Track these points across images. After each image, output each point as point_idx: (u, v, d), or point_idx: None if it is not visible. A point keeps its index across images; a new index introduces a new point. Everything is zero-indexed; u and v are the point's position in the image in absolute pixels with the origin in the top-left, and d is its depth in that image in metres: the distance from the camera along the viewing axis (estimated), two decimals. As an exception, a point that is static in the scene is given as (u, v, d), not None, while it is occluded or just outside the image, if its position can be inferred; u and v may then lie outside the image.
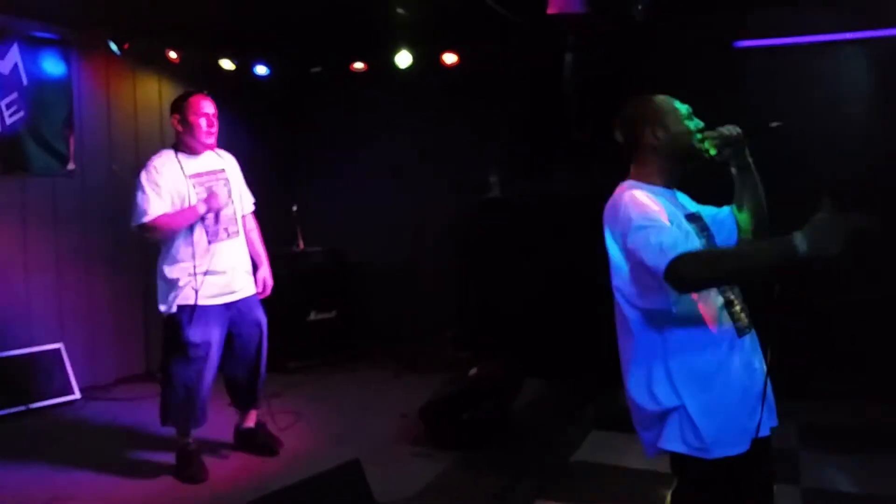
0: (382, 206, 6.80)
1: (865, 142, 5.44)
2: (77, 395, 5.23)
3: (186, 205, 3.86)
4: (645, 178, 2.33)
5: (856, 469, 4.24)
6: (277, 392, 5.47)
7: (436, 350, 6.20)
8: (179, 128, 3.94)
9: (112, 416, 4.94)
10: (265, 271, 4.31)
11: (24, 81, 5.23)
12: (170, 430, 4.10)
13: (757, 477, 2.28)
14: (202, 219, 3.87)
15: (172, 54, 6.13)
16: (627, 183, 2.34)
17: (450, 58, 6.41)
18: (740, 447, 2.15)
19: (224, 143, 6.92)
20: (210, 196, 3.89)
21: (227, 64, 6.50)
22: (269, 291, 4.33)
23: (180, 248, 3.87)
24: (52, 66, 5.41)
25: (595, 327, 6.00)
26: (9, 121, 5.14)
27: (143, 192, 3.80)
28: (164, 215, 3.79)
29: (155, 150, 5.86)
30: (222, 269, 3.95)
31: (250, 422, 4.30)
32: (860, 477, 4.12)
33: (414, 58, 6.39)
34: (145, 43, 5.87)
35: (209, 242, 3.91)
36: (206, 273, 3.87)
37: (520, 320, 5.92)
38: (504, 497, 3.69)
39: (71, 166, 5.51)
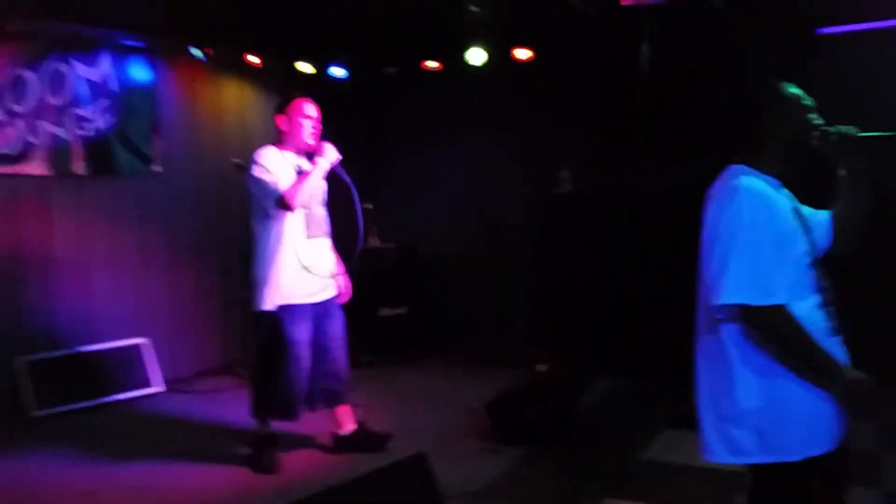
0: (456, 201, 6.84)
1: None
2: (161, 387, 5.46)
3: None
4: (760, 167, 2.25)
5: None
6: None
7: (507, 346, 6.21)
8: (284, 128, 4.06)
9: (192, 408, 5.14)
10: (343, 277, 4.38)
11: (114, 88, 5.50)
12: (247, 422, 4.23)
13: (836, 478, 2.23)
14: (306, 214, 3.99)
15: (254, 59, 6.32)
16: (740, 168, 2.26)
17: (523, 53, 6.38)
18: (825, 447, 2.11)
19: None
20: (327, 150, 4.01)
21: (305, 67, 6.65)
22: (349, 296, 4.39)
23: (280, 243, 3.95)
24: (140, 73, 5.68)
25: (668, 324, 5.93)
26: (100, 126, 5.41)
27: (265, 175, 3.89)
28: (293, 186, 3.87)
29: (237, 152, 6.15)
30: (317, 266, 4.06)
31: (350, 424, 4.30)
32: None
33: (487, 55, 6.39)
34: (227, 49, 6.08)
35: (307, 237, 4.01)
36: (304, 269, 3.97)
37: (592, 317, 5.86)
38: (572, 495, 3.67)
39: (157, 168, 5.76)
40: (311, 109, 4.11)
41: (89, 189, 5.42)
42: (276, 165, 3.93)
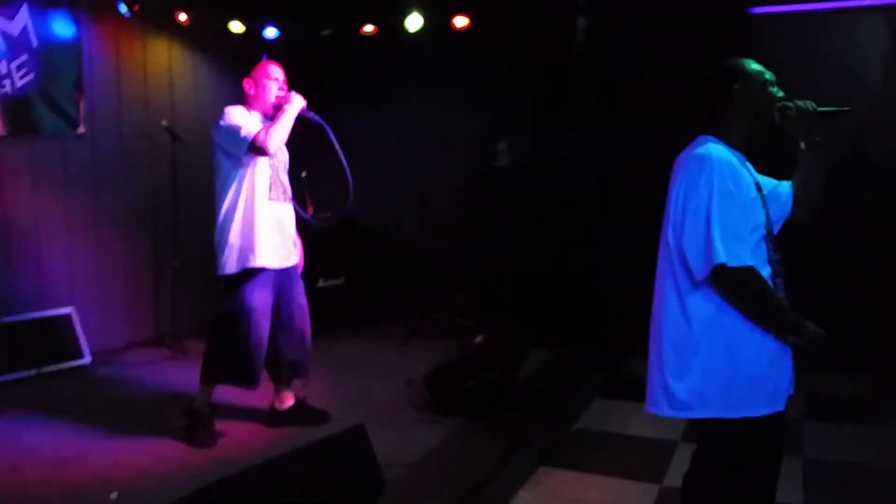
0: (391, 171, 6.78)
1: (883, 110, 5.37)
2: (88, 359, 5.28)
3: (265, 161, 3.98)
4: (725, 138, 2.38)
5: (859, 440, 4.27)
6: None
7: (443, 317, 6.24)
8: (250, 91, 4.10)
9: (121, 380, 5.01)
10: (300, 252, 4.32)
11: (34, 43, 5.22)
12: (178, 394, 4.20)
13: (775, 441, 2.37)
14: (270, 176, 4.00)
15: (182, 16, 6.10)
16: (707, 138, 2.40)
17: (461, 21, 6.34)
18: (767, 409, 2.28)
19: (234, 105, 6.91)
20: (293, 97, 4.06)
21: (236, 26, 6.46)
22: (303, 264, 4.34)
23: (244, 204, 3.93)
24: (62, 28, 5.39)
25: (601, 296, 6.06)
26: (19, 83, 5.14)
27: (235, 121, 3.89)
28: (265, 128, 3.88)
29: (165, 113, 5.96)
30: (280, 231, 4.03)
31: (290, 400, 4.22)
32: (863, 448, 4.15)
33: (424, 21, 6.32)
34: (155, 5, 5.84)
35: (269, 199, 3.99)
36: (266, 233, 3.93)
37: (527, 288, 5.93)
38: (507, 463, 3.73)
39: (81, 129, 5.52)
40: (276, 71, 4.14)
41: (9, 150, 5.15)
42: (245, 118, 3.93)
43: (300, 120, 4.12)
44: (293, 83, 7.14)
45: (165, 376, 5.10)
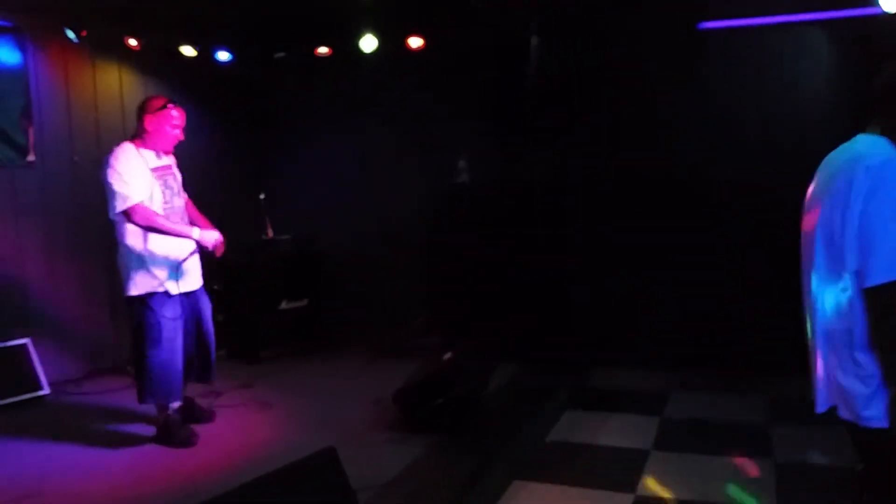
0: (350, 192, 6.77)
1: (828, 123, 5.52)
2: (46, 390, 5.12)
3: (150, 195, 4.15)
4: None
5: (829, 442, 4.33)
6: (249, 382, 5.45)
7: (408, 336, 6.20)
8: (150, 128, 4.23)
9: (81, 410, 4.87)
10: (214, 231, 4.45)
11: (-22, 71, 5.10)
12: (138, 423, 4.29)
13: None
14: (165, 210, 4.23)
15: (132, 41, 6.02)
16: (882, 139, 2.30)
17: (415, 42, 6.38)
18: None
19: (188, 130, 6.84)
20: (209, 232, 4.32)
21: (188, 50, 6.40)
22: (220, 244, 4.42)
23: (139, 234, 4.15)
24: (7, 54, 5.27)
25: (565, 310, 6.10)
26: (-36, 112, 5.01)
27: (120, 181, 4.05)
28: (155, 215, 4.11)
29: (117, 140, 5.81)
30: (183, 256, 4.28)
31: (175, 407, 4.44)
32: (834, 450, 4.21)
33: (379, 42, 6.34)
34: (104, 30, 5.76)
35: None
36: (169, 260, 4.22)
37: (491, 304, 5.94)
38: (480, 479, 3.71)
39: (31, 157, 5.38)
40: (180, 119, 4.33)
41: (-44, 181, 5.01)
42: (131, 170, 4.09)
43: (248, 147, 4.31)
44: (247, 108, 7.14)
45: (126, 405, 4.95)
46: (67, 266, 5.62)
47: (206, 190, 6.79)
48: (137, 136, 4.25)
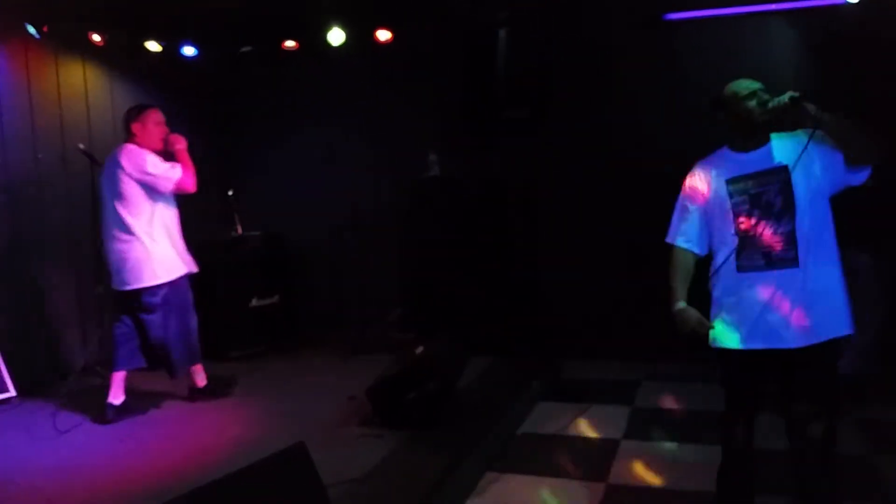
0: (320, 187, 6.72)
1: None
2: (12, 392, 5.04)
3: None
4: (730, 145, 3.06)
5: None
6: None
7: (380, 331, 6.19)
8: (138, 133, 4.74)
9: (49, 412, 4.79)
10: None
11: (-63, 69, 4.99)
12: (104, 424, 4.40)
13: None
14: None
15: (96, 37, 5.93)
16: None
17: (383, 35, 6.35)
18: None
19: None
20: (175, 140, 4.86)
21: (153, 45, 6.32)
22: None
23: (173, 224, 4.83)
24: (-33, 52, 5.18)
25: (536, 303, 6.12)
26: (-78, 110, 4.90)
27: (161, 165, 4.67)
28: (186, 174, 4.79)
29: (81, 137, 5.77)
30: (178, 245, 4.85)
31: (204, 379, 5.03)
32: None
33: (347, 35, 6.30)
34: (66, 25, 5.66)
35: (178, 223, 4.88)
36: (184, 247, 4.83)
37: (462, 298, 5.94)
38: (453, 472, 3.71)
39: (-8, 156, 5.29)
40: (160, 117, 4.84)
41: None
42: (161, 163, 4.68)
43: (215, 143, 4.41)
44: (214, 103, 7.07)
45: (95, 405, 4.90)
46: (32, 265, 5.53)
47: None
48: (132, 141, 4.71)
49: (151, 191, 4.63)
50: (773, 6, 5.50)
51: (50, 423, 4.56)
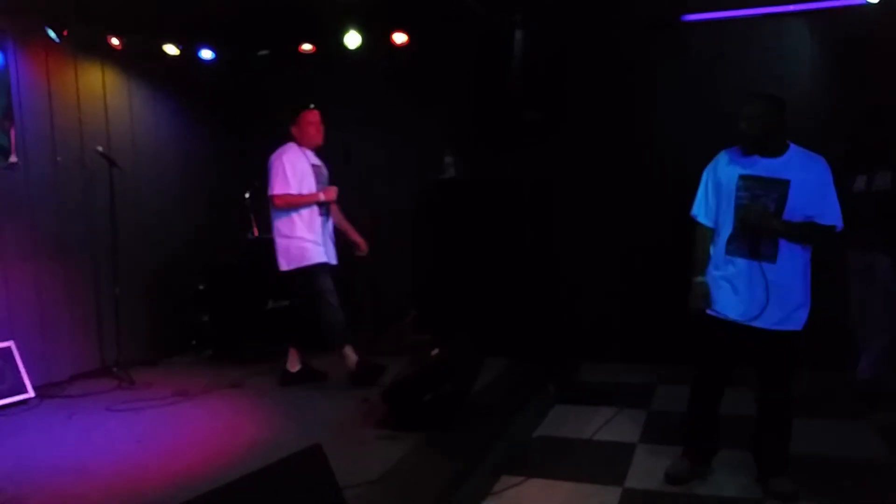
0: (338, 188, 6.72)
1: (809, 113, 5.54)
2: (31, 393, 5.09)
3: (307, 183, 5.16)
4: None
5: (813, 432, 4.34)
6: (237, 381, 5.43)
7: (396, 333, 6.19)
8: (296, 133, 5.24)
9: (67, 412, 4.83)
10: (358, 236, 5.56)
11: (-41, 72, 5.05)
12: (122, 424, 4.32)
13: None
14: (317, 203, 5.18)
15: (114, 41, 5.98)
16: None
17: (399, 37, 6.36)
18: None
19: (172, 129, 6.83)
20: (329, 191, 5.24)
21: (170, 49, 6.37)
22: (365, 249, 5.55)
23: (304, 220, 5.12)
24: (-12, 55, 5.24)
25: (552, 305, 6.10)
26: (-56, 113, 4.96)
27: (284, 169, 5.08)
28: (291, 195, 5.10)
29: (100, 140, 5.83)
30: (326, 236, 5.25)
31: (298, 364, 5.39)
32: (819, 440, 4.24)
33: (363, 38, 6.32)
34: (86, 29, 5.72)
35: (320, 215, 5.20)
36: (316, 239, 5.15)
37: (478, 300, 5.93)
38: (468, 475, 3.70)
39: (13, 159, 5.34)
40: (315, 117, 5.26)
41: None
42: (295, 160, 5.14)
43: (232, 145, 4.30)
44: (231, 106, 7.11)
45: (113, 407, 4.94)
46: (51, 268, 5.58)
47: (190, 189, 6.80)
48: (292, 139, 5.23)
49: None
50: (792, 7, 5.47)
51: (67, 424, 4.60)
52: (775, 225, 3.38)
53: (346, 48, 6.35)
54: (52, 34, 5.46)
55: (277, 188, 5.07)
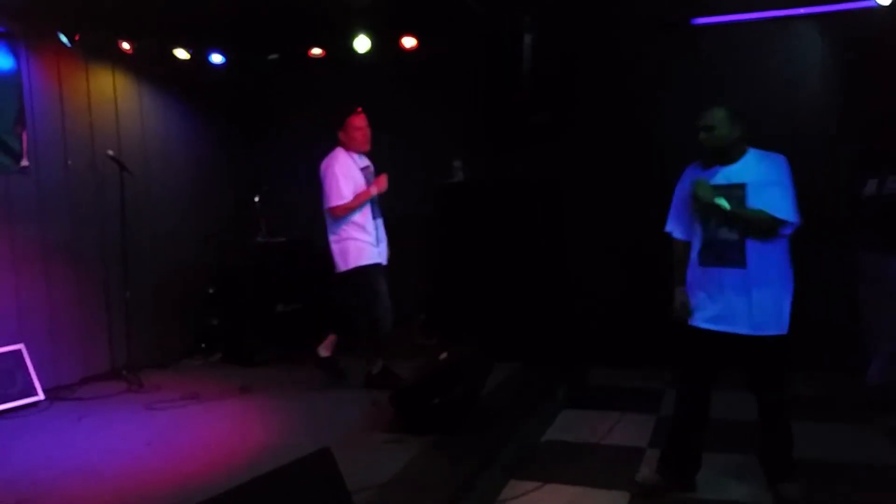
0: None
1: (819, 117, 5.52)
2: (41, 396, 5.12)
3: (359, 189, 5.18)
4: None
5: (821, 438, 4.33)
6: (246, 385, 5.44)
7: (405, 337, 6.18)
8: (343, 138, 5.27)
9: (77, 416, 4.86)
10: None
11: (-28, 77, 5.09)
12: (133, 427, 4.30)
13: None
14: (371, 200, 5.24)
15: (125, 45, 6.02)
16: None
17: (409, 42, 6.37)
18: None
19: (182, 133, 6.86)
20: (380, 181, 5.28)
21: (181, 53, 6.40)
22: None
23: (358, 221, 5.17)
24: (0, 60, 5.26)
25: (561, 309, 6.08)
26: (-43, 118, 5.00)
27: (337, 181, 5.11)
28: (348, 203, 5.13)
29: (111, 143, 5.86)
30: (380, 238, 5.32)
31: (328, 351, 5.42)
32: (827, 444, 4.22)
33: (372, 42, 6.34)
34: (97, 34, 5.75)
35: (373, 218, 5.27)
36: (371, 240, 5.21)
37: (487, 304, 5.92)
38: (477, 479, 3.70)
39: (25, 163, 5.38)
40: (360, 121, 5.29)
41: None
42: (344, 172, 5.16)
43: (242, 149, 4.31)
44: (240, 110, 7.14)
45: (123, 409, 4.96)
46: (62, 271, 5.61)
47: (200, 192, 6.83)
48: (341, 144, 5.26)
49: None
50: (801, 10, 5.45)
51: (77, 427, 4.63)
52: (718, 202, 3.41)
53: (355, 52, 6.37)
54: (63, 39, 5.49)
55: (334, 200, 5.11)
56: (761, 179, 3.42)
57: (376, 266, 5.21)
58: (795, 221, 3.41)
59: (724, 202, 3.40)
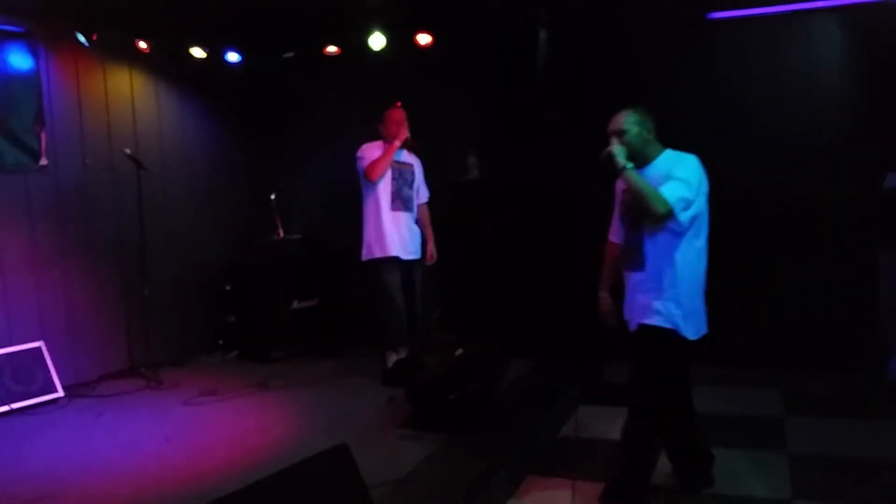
0: (360, 190, 6.75)
1: (837, 109, 5.47)
2: (60, 393, 5.17)
3: (384, 179, 5.30)
4: None
5: (838, 433, 4.30)
6: (263, 381, 5.47)
7: (422, 334, 6.19)
8: (383, 132, 5.38)
9: (96, 413, 4.90)
10: (432, 246, 5.64)
11: (-9, 77, 5.14)
12: (153, 424, 4.25)
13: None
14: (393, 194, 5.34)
15: (142, 44, 6.06)
16: None
17: (424, 38, 6.37)
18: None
19: (198, 131, 6.89)
20: (400, 133, 5.33)
21: (197, 52, 6.43)
22: (434, 260, 5.64)
23: (375, 212, 5.28)
24: (20, 60, 5.31)
25: (577, 305, 6.06)
26: (-23, 118, 5.05)
27: (370, 152, 5.30)
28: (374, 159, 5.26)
29: (128, 142, 5.90)
30: (399, 231, 5.30)
31: (402, 353, 5.31)
32: (844, 440, 4.19)
33: (387, 40, 6.34)
34: (114, 33, 5.79)
35: (392, 210, 5.28)
36: (386, 232, 5.24)
37: (503, 301, 5.92)
38: (493, 475, 3.70)
39: (43, 162, 5.43)
40: (400, 116, 5.40)
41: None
42: (372, 152, 5.29)
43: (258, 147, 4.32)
44: (257, 108, 7.17)
45: (141, 406, 5.00)
46: (80, 269, 5.66)
47: (216, 190, 6.86)
48: (380, 138, 5.40)
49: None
50: (820, 3, 5.39)
51: (96, 423, 4.67)
52: (619, 165, 3.44)
53: (370, 50, 6.37)
54: (81, 38, 5.54)
55: (366, 163, 5.26)
56: (668, 176, 3.39)
57: (389, 259, 5.24)
58: (676, 213, 3.29)
59: (621, 155, 3.41)
